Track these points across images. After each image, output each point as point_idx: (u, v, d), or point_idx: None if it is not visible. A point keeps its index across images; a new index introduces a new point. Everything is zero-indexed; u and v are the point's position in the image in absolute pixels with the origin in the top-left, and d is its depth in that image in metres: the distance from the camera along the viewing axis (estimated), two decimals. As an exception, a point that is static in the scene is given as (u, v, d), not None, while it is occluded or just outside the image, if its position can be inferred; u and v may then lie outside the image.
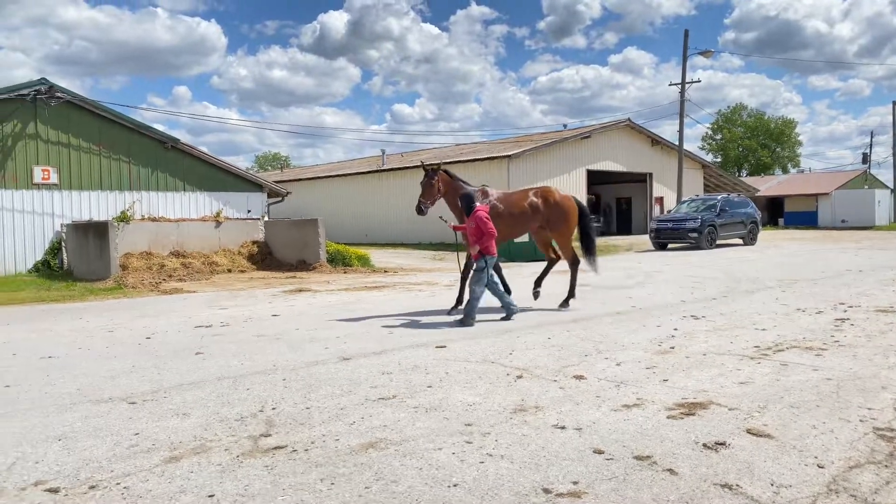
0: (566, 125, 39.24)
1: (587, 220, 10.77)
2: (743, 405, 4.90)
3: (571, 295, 10.38)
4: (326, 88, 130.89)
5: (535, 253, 11.02)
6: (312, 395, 5.48)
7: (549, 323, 8.85)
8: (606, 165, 33.55)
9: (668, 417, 4.65)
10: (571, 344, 7.37)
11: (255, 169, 74.70)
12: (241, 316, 10.27)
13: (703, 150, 76.19)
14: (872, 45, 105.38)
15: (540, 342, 7.51)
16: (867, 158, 57.98)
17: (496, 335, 8.02)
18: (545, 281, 10.81)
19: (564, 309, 10.04)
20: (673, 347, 7.05)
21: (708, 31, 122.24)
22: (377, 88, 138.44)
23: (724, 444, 4.10)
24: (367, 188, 34.00)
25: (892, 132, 50.29)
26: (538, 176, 29.57)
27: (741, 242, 26.61)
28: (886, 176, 52.90)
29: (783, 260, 18.87)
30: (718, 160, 74.48)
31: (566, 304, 10.23)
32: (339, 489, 3.58)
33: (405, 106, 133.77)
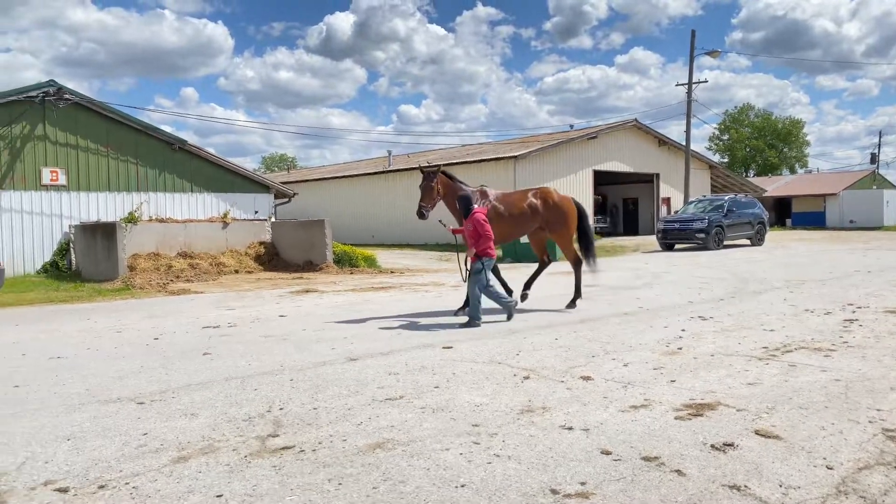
0: (572, 126, 39.35)
1: (586, 220, 10.72)
2: (751, 406, 4.89)
3: (578, 295, 10.37)
4: (333, 89, 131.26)
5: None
6: (320, 395, 5.49)
7: (556, 324, 8.85)
8: (613, 166, 33.50)
9: (675, 418, 4.64)
10: (578, 345, 7.36)
11: (261, 170, 74.93)
12: (248, 316, 10.30)
13: (710, 150, 76.12)
14: (880, 44, 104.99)
15: (547, 343, 7.51)
16: (875, 158, 57.75)
17: (503, 336, 8.02)
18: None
19: (571, 309, 10.04)
20: (680, 348, 7.03)
21: (715, 31, 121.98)
22: (383, 89, 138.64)
23: (732, 444, 4.09)
24: (373, 189, 34.04)
25: (900, 132, 49.98)
26: (544, 176, 29.54)
27: (749, 243, 26.53)
28: (895, 176, 52.73)
29: (791, 260, 18.80)
30: (725, 160, 74.23)
31: (573, 304, 10.23)
32: (346, 489, 3.58)
33: (411, 107, 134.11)
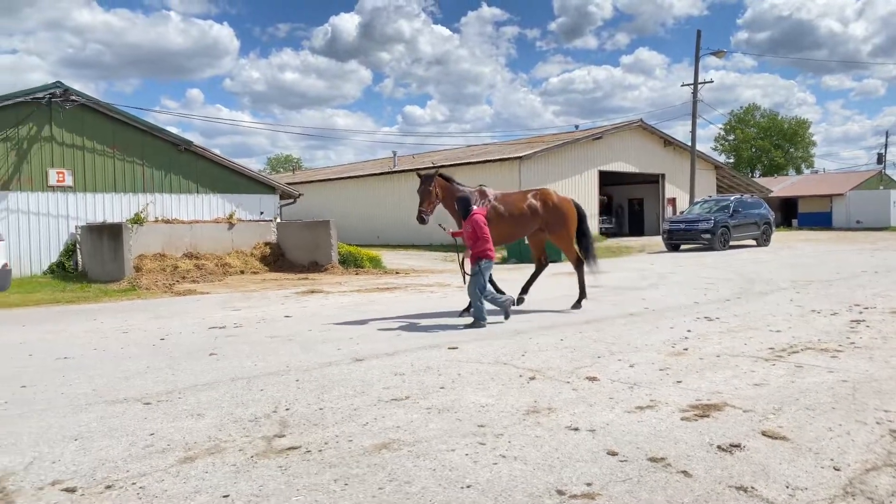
0: (578, 126, 39.18)
1: (585, 222, 10.67)
2: (757, 407, 4.87)
3: (583, 295, 10.36)
4: (338, 90, 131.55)
5: (551, 253, 10.99)
6: (325, 395, 5.50)
7: (561, 324, 8.84)
8: (618, 166, 33.46)
9: (682, 419, 4.63)
10: (584, 345, 7.35)
11: (267, 171, 75.02)
12: (254, 317, 10.32)
13: (715, 150, 75.89)
14: (887, 44, 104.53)
15: (552, 343, 7.50)
16: (882, 159, 57.49)
17: (508, 336, 8.01)
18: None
19: (577, 310, 10.03)
20: (686, 349, 7.02)
21: (720, 31, 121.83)
22: (388, 90, 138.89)
23: (738, 446, 4.08)
24: (378, 190, 34.06)
25: (907, 132, 49.78)
26: (550, 177, 29.52)
27: (754, 243, 26.46)
28: (902, 176, 52.44)
29: (797, 261, 18.74)
30: (731, 161, 74.06)
31: (578, 304, 10.22)
32: (352, 490, 3.59)
33: (416, 108, 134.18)
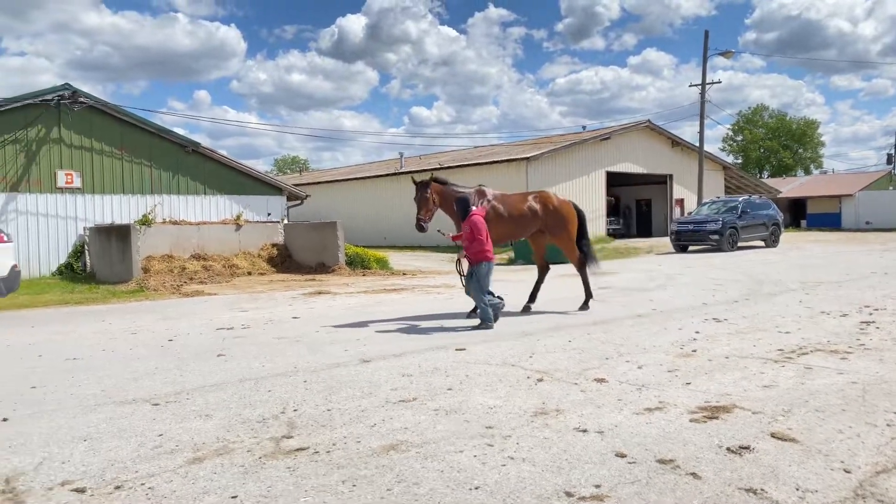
0: (585, 127, 39.12)
1: (585, 224, 10.63)
2: (767, 409, 4.85)
3: (589, 296, 10.33)
4: (345, 92, 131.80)
5: (557, 255, 10.96)
6: (333, 397, 5.50)
7: (569, 326, 8.82)
8: (626, 167, 33.39)
9: (690, 421, 4.61)
10: (592, 347, 7.33)
11: (274, 172, 75.24)
12: (261, 318, 10.34)
13: (723, 151, 75.63)
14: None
15: (560, 345, 7.48)
16: (892, 159, 57.09)
17: (516, 338, 8.00)
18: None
19: (584, 311, 10.01)
20: (695, 350, 6.99)
21: (728, 31, 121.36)
22: (395, 91, 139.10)
23: (748, 448, 4.06)
24: (385, 191, 34.10)
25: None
26: (557, 178, 29.50)
27: (763, 244, 26.34)
28: (911, 177, 52.09)
29: (806, 262, 18.64)
30: (739, 161, 73.75)
31: (586, 305, 10.20)
32: (360, 491, 3.58)
33: (423, 109, 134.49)
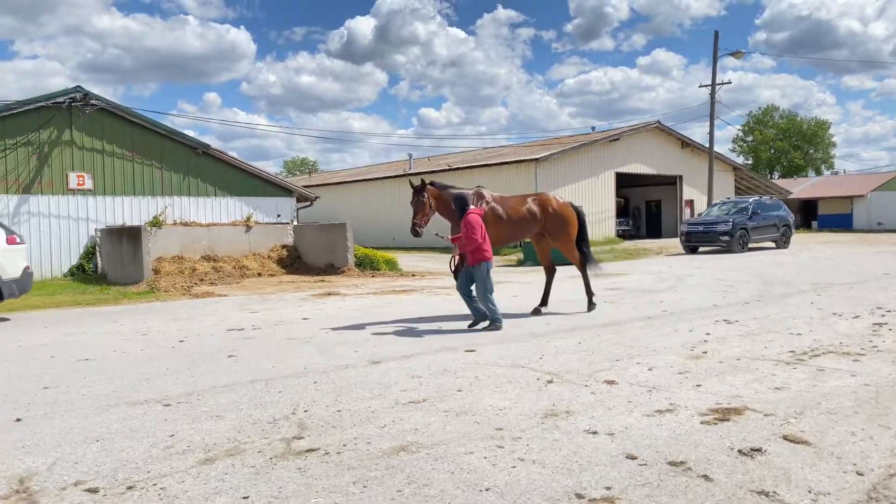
0: (594, 128, 39.05)
1: (585, 225, 10.59)
2: (779, 411, 4.82)
3: (591, 293, 10.30)
4: (354, 93, 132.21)
5: (563, 257, 10.93)
6: (343, 398, 5.51)
7: (579, 327, 8.80)
8: (636, 168, 33.31)
9: (701, 423, 4.59)
10: (602, 348, 7.32)
11: (283, 174, 75.55)
12: (271, 319, 10.37)
13: (734, 152, 75.29)
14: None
15: (570, 347, 7.47)
16: (904, 159, 56.70)
17: (525, 339, 7.99)
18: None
19: (593, 312, 10.00)
20: (706, 352, 6.96)
21: (738, 31, 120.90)
22: (404, 93, 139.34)
23: (759, 450, 4.04)
24: (394, 192, 34.12)
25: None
26: (566, 179, 29.46)
27: (774, 246, 26.20)
28: (924, 177, 51.65)
29: (817, 263, 18.53)
30: (750, 162, 73.39)
31: (592, 305, 10.19)
32: (371, 492, 3.59)
33: (432, 110, 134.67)
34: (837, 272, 15.58)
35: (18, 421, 5.12)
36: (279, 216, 21.77)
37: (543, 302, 10.37)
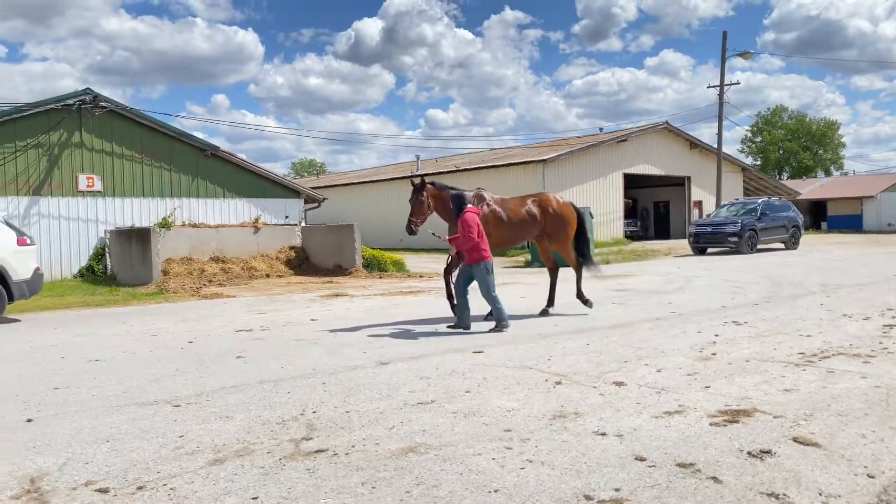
0: (602, 129, 38.95)
1: (584, 225, 10.57)
2: (788, 413, 4.80)
3: (580, 290, 10.35)
4: (361, 95, 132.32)
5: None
6: (352, 399, 5.52)
7: (587, 329, 8.79)
8: (644, 169, 33.22)
9: (710, 424, 4.58)
10: (610, 350, 7.31)
11: (291, 175, 75.74)
12: (280, 320, 10.40)
13: (742, 152, 74.96)
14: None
15: (578, 348, 7.46)
16: (914, 160, 56.34)
17: (533, 341, 7.98)
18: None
19: (588, 309, 10.14)
20: (714, 354, 6.94)
21: (746, 32, 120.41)
22: (411, 94, 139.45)
23: (769, 452, 4.03)
24: (401, 193, 33.95)
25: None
26: (574, 180, 29.41)
27: (783, 247, 26.08)
28: (935, 178, 51.30)
29: (827, 265, 18.43)
30: (758, 163, 73.09)
31: (587, 303, 10.24)
32: (380, 493, 3.60)
33: (439, 111, 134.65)
34: (847, 273, 15.50)
35: (29, 421, 5.16)
36: (287, 217, 21.84)
37: (550, 302, 10.37)
